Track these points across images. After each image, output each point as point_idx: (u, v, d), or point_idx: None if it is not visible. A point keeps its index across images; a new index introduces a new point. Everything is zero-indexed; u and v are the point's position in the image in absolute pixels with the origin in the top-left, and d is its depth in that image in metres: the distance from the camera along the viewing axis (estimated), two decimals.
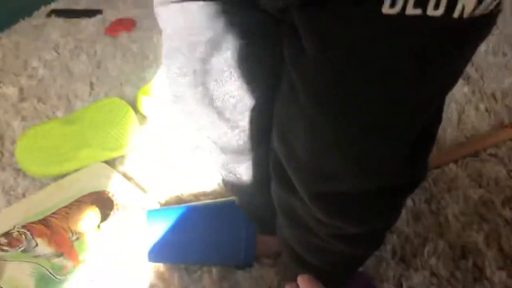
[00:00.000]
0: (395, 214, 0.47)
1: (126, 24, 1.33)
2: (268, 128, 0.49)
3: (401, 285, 0.59)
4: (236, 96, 0.48)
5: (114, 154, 0.83)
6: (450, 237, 0.64)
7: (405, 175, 0.41)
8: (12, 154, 0.86)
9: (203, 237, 0.62)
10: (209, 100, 0.49)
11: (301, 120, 0.39)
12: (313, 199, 0.42)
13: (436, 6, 0.29)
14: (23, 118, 0.96)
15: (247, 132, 0.51)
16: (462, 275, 0.59)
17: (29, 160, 0.79)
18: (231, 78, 0.47)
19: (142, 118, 0.94)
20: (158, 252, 0.61)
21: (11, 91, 1.06)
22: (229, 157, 0.55)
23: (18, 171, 0.82)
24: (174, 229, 0.61)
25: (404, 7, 0.29)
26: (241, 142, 0.52)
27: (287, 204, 0.48)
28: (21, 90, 1.06)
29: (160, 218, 0.62)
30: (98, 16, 1.42)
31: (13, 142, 0.89)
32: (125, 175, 0.81)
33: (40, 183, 0.80)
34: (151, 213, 0.63)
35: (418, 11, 0.29)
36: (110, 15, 1.42)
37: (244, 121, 0.50)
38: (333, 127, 0.37)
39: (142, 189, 0.77)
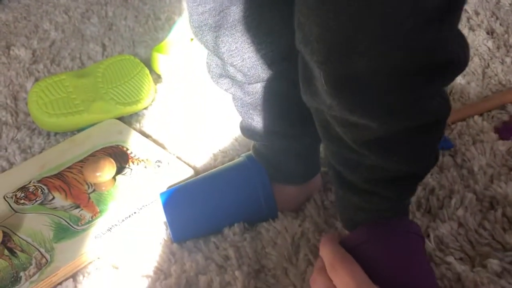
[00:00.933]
0: (433, 106, 0.41)
1: None
2: (289, 53, 0.47)
3: (428, 235, 0.57)
4: (257, 18, 0.47)
5: (128, 110, 0.81)
6: (477, 189, 0.62)
7: (439, 46, 0.36)
8: (27, 115, 0.85)
9: (222, 205, 0.60)
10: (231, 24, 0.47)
11: None
12: (333, 87, 0.38)
13: None
14: (37, 80, 0.95)
15: (272, 53, 0.49)
16: (491, 225, 0.57)
17: (41, 111, 0.77)
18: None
19: (156, 76, 0.92)
20: (181, 232, 0.59)
21: (24, 53, 1.04)
22: (250, 92, 0.53)
23: (33, 130, 0.81)
24: (191, 206, 0.60)
25: None
26: (265, 65, 0.50)
27: (317, 111, 0.46)
28: (33, 52, 1.05)
29: (174, 198, 0.60)
30: None
31: (27, 103, 0.87)
32: (141, 132, 0.79)
33: (55, 141, 0.79)
34: (164, 194, 0.61)
35: None
36: None
37: (268, 41, 0.49)
38: None
39: (159, 145, 0.76)
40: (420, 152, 0.45)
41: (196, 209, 0.60)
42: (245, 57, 0.49)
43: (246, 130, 0.60)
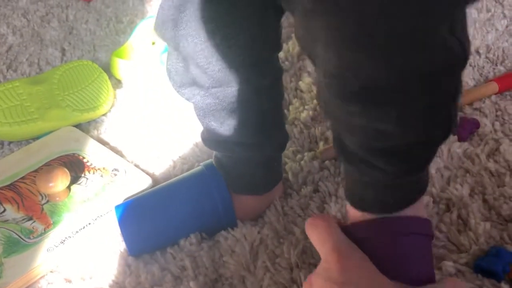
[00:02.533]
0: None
1: None
2: (258, 59, 0.46)
3: None
4: (226, 18, 0.46)
5: (86, 117, 0.79)
6: (434, 192, 0.62)
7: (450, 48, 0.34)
8: None
9: (179, 217, 0.59)
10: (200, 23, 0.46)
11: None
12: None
13: None
14: None
15: (241, 57, 0.48)
16: (446, 227, 0.58)
17: None
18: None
19: (116, 81, 0.90)
20: (136, 246, 0.58)
21: None
22: (214, 96, 0.52)
23: None
24: (147, 219, 0.58)
25: None
26: (232, 69, 0.49)
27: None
28: None
29: (129, 212, 0.59)
30: None
31: None
32: (98, 139, 0.77)
33: (9, 150, 0.76)
34: (119, 207, 0.59)
35: None
36: None
37: (237, 44, 0.47)
38: None
39: (117, 152, 0.74)
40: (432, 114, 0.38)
41: (152, 223, 0.58)
42: (212, 59, 0.48)
43: (208, 140, 0.59)
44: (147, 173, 0.70)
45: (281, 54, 0.83)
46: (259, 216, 0.62)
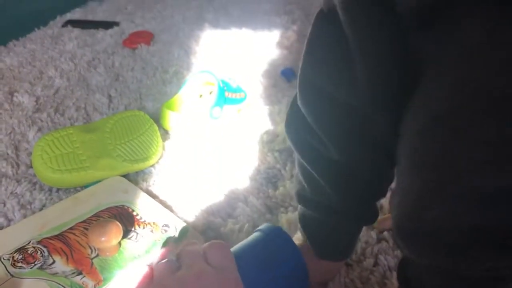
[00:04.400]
0: None
1: (144, 37, 1.31)
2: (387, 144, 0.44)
3: None
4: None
5: (135, 167, 0.79)
6: None
7: None
8: (28, 167, 0.82)
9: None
10: None
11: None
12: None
13: None
14: (39, 129, 0.92)
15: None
16: None
17: (45, 166, 0.74)
18: None
19: (163, 132, 0.90)
20: None
21: (27, 100, 1.02)
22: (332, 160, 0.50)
23: (35, 184, 0.78)
24: None
25: None
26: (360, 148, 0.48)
27: None
28: (37, 100, 1.03)
29: None
30: (115, 28, 1.40)
31: (29, 154, 0.85)
32: (147, 191, 0.76)
33: (57, 197, 0.76)
34: None
35: None
36: (127, 28, 1.40)
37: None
38: None
39: (167, 207, 0.73)
40: None
41: None
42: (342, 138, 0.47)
43: (305, 198, 0.55)
44: (196, 229, 0.69)
45: None
46: (330, 279, 0.60)
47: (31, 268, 0.62)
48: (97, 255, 0.64)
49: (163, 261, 0.47)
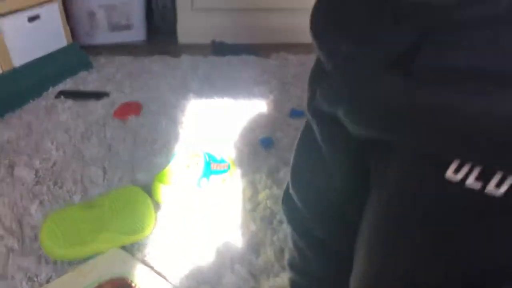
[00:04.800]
0: None
1: (134, 108, 1.41)
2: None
3: None
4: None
5: (131, 239, 0.88)
6: None
7: None
8: (33, 240, 0.90)
9: None
10: None
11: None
12: None
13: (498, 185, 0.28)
14: (41, 202, 1.01)
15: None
16: None
17: (52, 243, 0.83)
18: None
19: (156, 204, 1.00)
20: None
21: (27, 173, 1.11)
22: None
23: (40, 257, 0.86)
24: None
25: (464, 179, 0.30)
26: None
27: None
28: (36, 172, 1.11)
29: None
30: (106, 99, 1.50)
31: (33, 228, 0.93)
32: (143, 261, 0.85)
33: (62, 269, 0.84)
34: None
35: (478, 185, 0.29)
36: (117, 98, 1.51)
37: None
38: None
39: (162, 276, 0.82)
40: None
41: None
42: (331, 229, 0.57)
43: (295, 266, 0.65)
44: None
45: None
46: None
47: None
48: None
49: None
